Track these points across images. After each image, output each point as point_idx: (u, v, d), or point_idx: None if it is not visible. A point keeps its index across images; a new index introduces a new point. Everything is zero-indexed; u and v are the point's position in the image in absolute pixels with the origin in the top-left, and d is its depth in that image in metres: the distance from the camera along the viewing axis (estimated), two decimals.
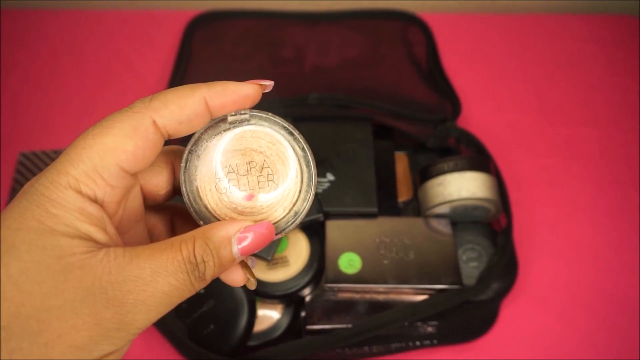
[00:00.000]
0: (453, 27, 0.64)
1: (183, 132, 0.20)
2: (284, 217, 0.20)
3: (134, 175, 0.19)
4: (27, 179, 0.52)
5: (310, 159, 0.20)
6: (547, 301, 0.47)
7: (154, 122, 0.19)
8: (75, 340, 0.16)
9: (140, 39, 0.63)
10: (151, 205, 0.22)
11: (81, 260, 0.17)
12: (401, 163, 0.51)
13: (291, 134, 0.20)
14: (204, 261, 0.18)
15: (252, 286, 0.22)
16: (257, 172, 0.20)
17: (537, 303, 0.46)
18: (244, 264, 0.21)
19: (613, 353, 0.44)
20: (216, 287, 0.39)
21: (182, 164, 0.20)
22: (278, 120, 0.21)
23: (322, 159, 0.47)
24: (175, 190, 0.23)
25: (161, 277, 0.17)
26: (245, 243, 0.19)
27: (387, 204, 0.47)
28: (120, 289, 0.17)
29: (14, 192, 0.51)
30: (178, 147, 0.22)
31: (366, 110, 0.50)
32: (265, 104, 0.52)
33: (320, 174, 0.46)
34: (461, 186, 0.43)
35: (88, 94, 0.59)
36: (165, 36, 0.63)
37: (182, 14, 0.62)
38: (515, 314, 0.46)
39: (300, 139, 0.20)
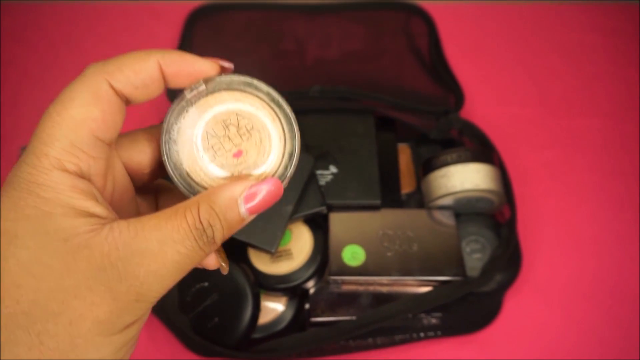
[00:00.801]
0: (455, 17, 0.63)
1: (139, 98, 0.19)
2: (280, 163, 0.20)
3: (110, 145, 0.19)
4: None
5: (280, 99, 0.20)
6: (550, 293, 0.47)
7: (112, 86, 0.18)
8: (98, 316, 0.17)
9: (140, 31, 0.63)
10: (139, 185, 0.22)
11: (86, 240, 0.17)
12: (404, 155, 0.51)
13: (250, 84, 0.20)
14: (210, 226, 0.18)
15: (225, 271, 0.22)
16: (235, 129, 0.20)
17: (540, 295, 0.46)
18: (217, 249, 0.21)
19: (617, 345, 0.44)
20: (220, 281, 0.39)
21: (164, 157, 0.20)
22: (234, 78, 0.20)
23: (325, 152, 0.46)
24: (162, 169, 0.22)
25: (169, 247, 0.17)
26: (253, 202, 0.19)
27: (390, 196, 0.47)
28: (130, 262, 0.17)
29: None
30: (158, 125, 0.22)
31: (368, 103, 0.50)
32: None
33: (323, 166, 0.46)
34: (465, 178, 0.43)
35: None
36: (165, 29, 0.62)
37: (182, 6, 0.62)
38: (519, 305, 0.46)
39: (262, 85, 0.20)
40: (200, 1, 0.61)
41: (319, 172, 0.45)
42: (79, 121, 0.18)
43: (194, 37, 0.59)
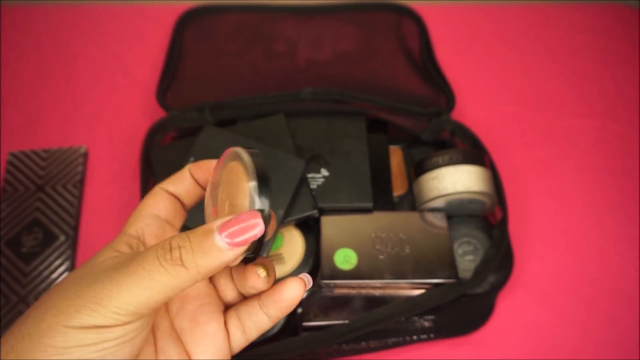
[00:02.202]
0: (446, 18, 0.64)
1: (191, 199, 0.27)
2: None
3: (164, 219, 0.27)
4: (17, 179, 0.51)
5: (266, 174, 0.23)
6: (543, 293, 0.47)
7: (168, 191, 0.27)
8: (62, 310, 0.20)
9: (130, 34, 0.62)
10: None
11: (118, 257, 0.23)
12: (396, 157, 0.51)
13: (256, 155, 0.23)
14: (178, 246, 0.20)
15: (270, 282, 0.24)
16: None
17: (533, 295, 0.46)
18: (259, 263, 0.24)
19: (610, 344, 0.44)
20: None
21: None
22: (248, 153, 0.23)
23: (316, 155, 0.46)
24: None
25: (135, 261, 0.20)
26: (229, 230, 0.21)
27: (382, 198, 0.47)
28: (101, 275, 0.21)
29: (4, 192, 0.50)
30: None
31: (360, 105, 0.49)
32: (260, 99, 0.51)
33: (314, 169, 0.45)
34: (456, 180, 0.43)
35: (77, 91, 0.58)
36: (156, 31, 0.62)
37: (173, 8, 0.61)
38: (512, 306, 0.46)
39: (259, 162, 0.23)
40: (190, 2, 0.61)
41: (310, 175, 0.45)
42: (144, 208, 0.26)
43: (185, 40, 0.58)
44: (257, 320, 0.24)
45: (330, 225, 0.43)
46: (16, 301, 0.45)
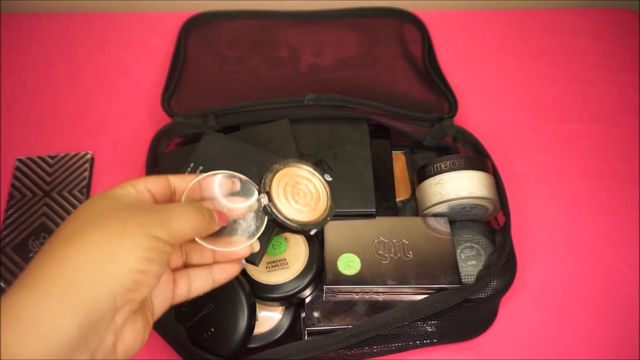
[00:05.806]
0: (448, 23, 0.64)
1: None
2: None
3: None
4: (24, 185, 0.52)
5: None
6: (546, 298, 0.47)
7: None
8: (142, 222, 0.26)
9: (134, 41, 0.63)
10: None
11: None
12: (399, 162, 0.51)
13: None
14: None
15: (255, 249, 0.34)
16: None
17: (536, 300, 0.47)
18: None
19: (612, 350, 0.44)
20: (216, 291, 0.39)
21: None
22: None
23: (319, 161, 0.47)
24: None
25: (188, 203, 0.31)
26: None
27: (385, 204, 0.47)
28: None
29: (11, 197, 0.51)
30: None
31: (362, 110, 0.50)
32: (263, 105, 0.51)
33: None
34: (459, 185, 0.43)
35: (83, 98, 0.59)
36: (160, 38, 0.62)
37: (176, 16, 0.62)
38: (515, 311, 0.46)
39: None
40: (194, 10, 0.62)
41: None
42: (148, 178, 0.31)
43: (188, 47, 0.59)
44: (205, 283, 0.33)
45: (334, 231, 0.44)
46: None
